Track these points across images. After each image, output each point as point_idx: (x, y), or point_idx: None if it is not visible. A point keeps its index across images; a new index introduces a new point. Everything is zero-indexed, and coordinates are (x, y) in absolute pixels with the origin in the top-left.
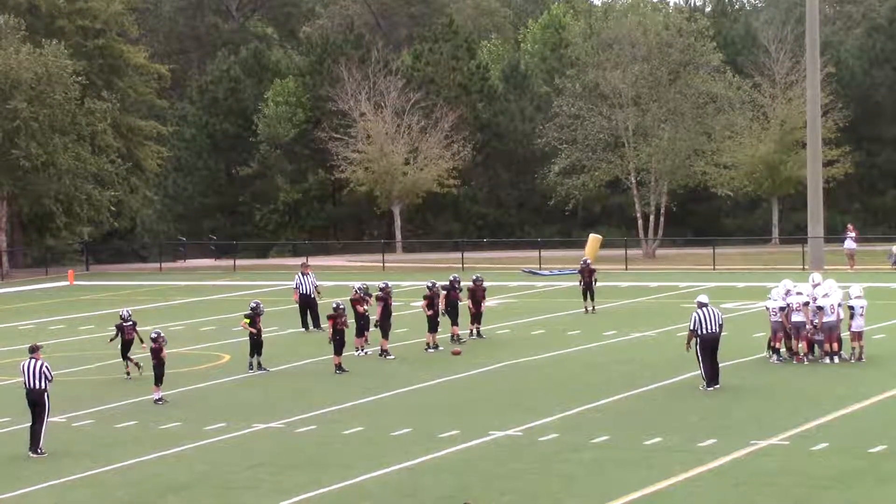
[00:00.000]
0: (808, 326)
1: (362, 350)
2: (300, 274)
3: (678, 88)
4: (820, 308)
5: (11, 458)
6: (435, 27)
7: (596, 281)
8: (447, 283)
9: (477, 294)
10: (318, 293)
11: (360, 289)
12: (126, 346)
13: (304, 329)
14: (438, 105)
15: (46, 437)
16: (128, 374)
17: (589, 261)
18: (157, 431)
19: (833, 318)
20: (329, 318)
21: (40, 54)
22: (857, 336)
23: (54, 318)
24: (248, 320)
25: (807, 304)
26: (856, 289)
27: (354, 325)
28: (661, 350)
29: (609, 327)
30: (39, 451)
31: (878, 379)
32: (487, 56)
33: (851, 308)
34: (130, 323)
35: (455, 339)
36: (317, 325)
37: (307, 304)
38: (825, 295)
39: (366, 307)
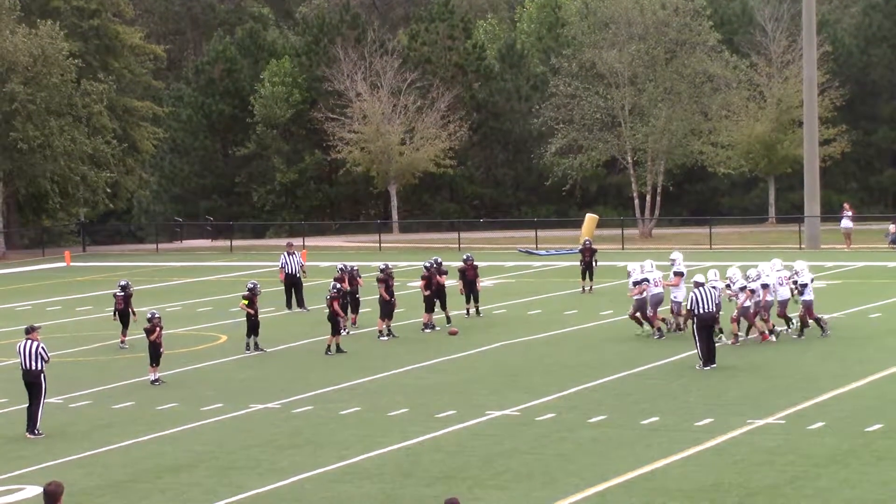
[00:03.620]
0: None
1: (348, 328)
2: (286, 254)
3: (675, 68)
4: (765, 286)
5: (8, 439)
6: (431, 7)
7: (596, 262)
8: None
9: (468, 274)
10: (304, 273)
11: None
12: (119, 316)
13: (288, 309)
14: (435, 85)
15: (43, 418)
16: (122, 342)
17: (590, 241)
18: (155, 412)
19: (771, 297)
20: (332, 299)
21: (36, 35)
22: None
23: (51, 298)
24: (246, 301)
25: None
26: (801, 264)
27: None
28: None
29: (606, 307)
30: (37, 431)
31: (875, 358)
32: (483, 36)
33: (804, 285)
34: (122, 294)
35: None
36: (301, 304)
37: (293, 284)
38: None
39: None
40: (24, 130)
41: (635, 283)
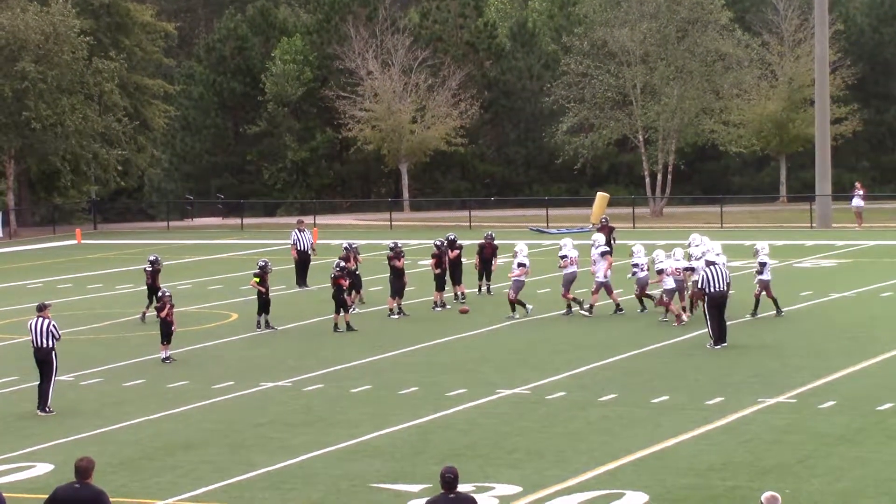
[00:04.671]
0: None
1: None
2: (297, 230)
3: (686, 46)
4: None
5: (20, 417)
6: None
7: (615, 240)
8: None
9: (485, 251)
10: (314, 251)
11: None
12: (147, 290)
13: (299, 287)
14: (446, 63)
15: (54, 396)
16: (142, 316)
17: (607, 218)
18: (165, 390)
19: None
20: (336, 277)
21: (47, 13)
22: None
23: (62, 276)
24: (257, 279)
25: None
26: (762, 244)
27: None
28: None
29: (616, 286)
30: (47, 409)
31: (886, 337)
32: (495, 14)
33: (763, 264)
34: (150, 269)
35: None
36: (303, 283)
37: (304, 261)
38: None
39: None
40: (36, 109)
41: (520, 265)
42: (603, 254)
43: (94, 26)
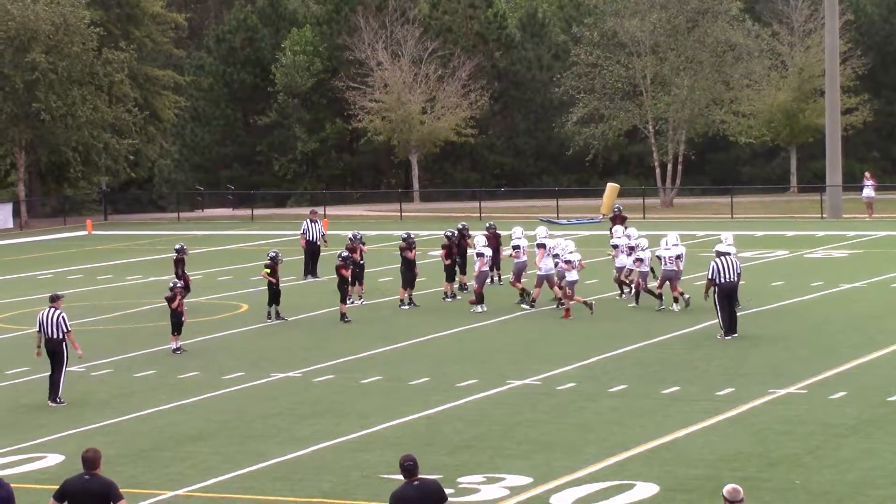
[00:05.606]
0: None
1: (359, 299)
2: (308, 220)
3: (697, 37)
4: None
5: (31, 408)
6: None
7: (626, 229)
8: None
9: (489, 242)
10: (325, 242)
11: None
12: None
13: (306, 278)
14: (456, 54)
15: (65, 387)
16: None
17: (620, 208)
18: (176, 381)
19: (672, 267)
20: (339, 267)
21: (57, 4)
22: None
23: (73, 267)
24: (268, 270)
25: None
26: (726, 234)
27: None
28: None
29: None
30: (58, 400)
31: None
32: (505, 4)
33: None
34: (176, 256)
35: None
36: (313, 273)
37: (313, 251)
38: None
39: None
40: (46, 100)
41: (478, 255)
42: (539, 245)
43: (104, 17)
